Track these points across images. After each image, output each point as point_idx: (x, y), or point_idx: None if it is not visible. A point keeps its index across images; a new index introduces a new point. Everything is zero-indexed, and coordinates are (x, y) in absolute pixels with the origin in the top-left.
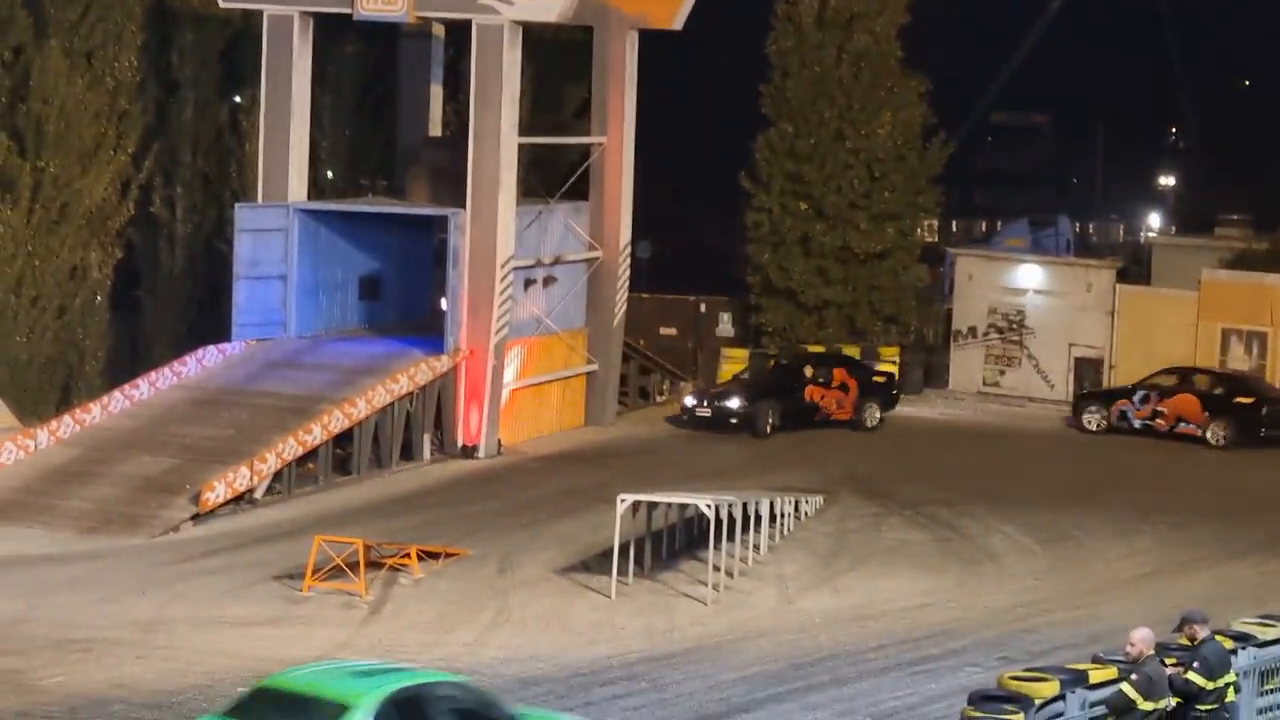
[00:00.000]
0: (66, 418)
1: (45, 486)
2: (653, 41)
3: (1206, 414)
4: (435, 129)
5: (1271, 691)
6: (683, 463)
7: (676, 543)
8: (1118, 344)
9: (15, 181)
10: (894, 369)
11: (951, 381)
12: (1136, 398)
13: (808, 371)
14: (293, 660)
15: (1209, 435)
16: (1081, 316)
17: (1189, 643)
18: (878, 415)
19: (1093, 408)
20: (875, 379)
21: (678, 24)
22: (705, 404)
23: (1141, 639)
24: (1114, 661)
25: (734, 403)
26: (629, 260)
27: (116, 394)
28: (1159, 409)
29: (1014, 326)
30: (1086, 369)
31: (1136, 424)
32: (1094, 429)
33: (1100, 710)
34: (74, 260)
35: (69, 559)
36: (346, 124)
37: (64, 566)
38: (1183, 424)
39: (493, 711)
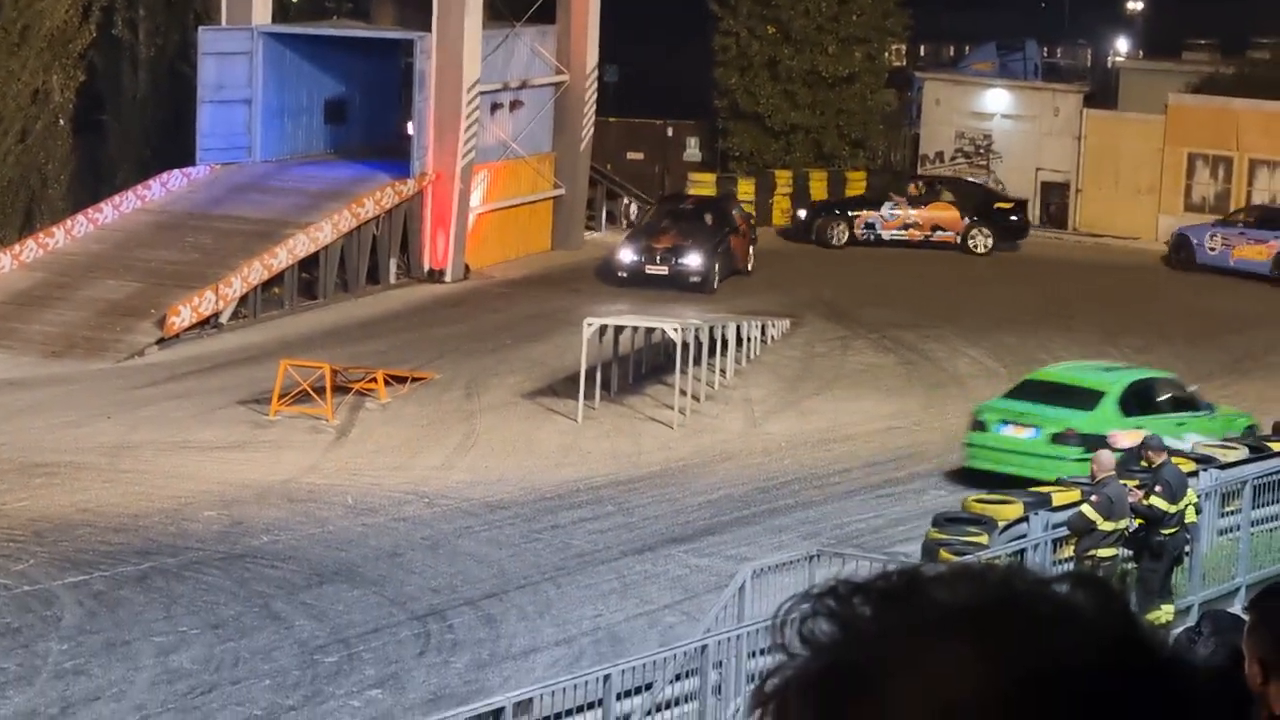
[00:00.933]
0: (30, 242)
1: (8, 311)
2: None
3: (966, 221)
4: None
5: (1232, 513)
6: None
7: (643, 367)
8: (1084, 168)
9: None
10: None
11: None
12: (885, 209)
13: (707, 219)
14: (260, 484)
15: (971, 243)
16: (1048, 141)
17: (1148, 465)
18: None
19: (837, 224)
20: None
21: None
22: (659, 260)
23: (1104, 462)
24: (1076, 484)
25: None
26: (596, 85)
27: (80, 218)
28: (913, 220)
29: (981, 151)
30: (1053, 193)
31: (886, 236)
32: (837, 244)
33: (1062, 531)
34: (35, 84)
35: (33, 383)
36: None
37: (28, 391)
38: (939, 232)
39: (1197, 403)
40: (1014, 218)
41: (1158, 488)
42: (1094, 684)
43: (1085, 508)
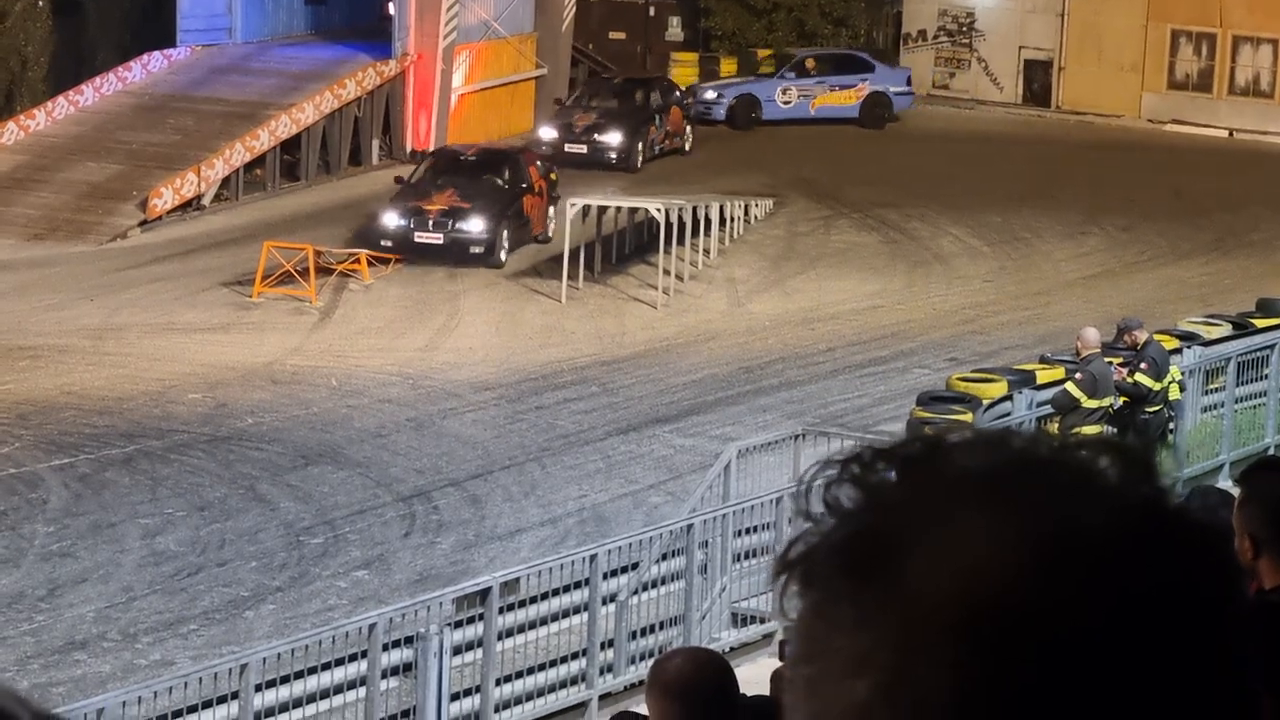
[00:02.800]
0: (11, 124)
1: None
2: None
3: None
4: None
5: (1216, 390)
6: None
7: (626, 247)
8: (1067, 46)
9: None
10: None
11: None
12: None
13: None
14: (244, 366)
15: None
16: (1031, 19)
17: (1130, 345)
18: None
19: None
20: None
21: None
22: (577, 137)
23: (1088, 339)
24: (1061, 361)
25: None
26: None
27: (60, 100)
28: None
29: (964, 29)
30: (1036, 71)
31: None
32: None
33: (1047, 410)
34: None
35: (15, 266)
36: None
37: (10, 273)
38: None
39: None
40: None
41: (1142, 365)
42: (1115, 547)
43: (1070, 385)
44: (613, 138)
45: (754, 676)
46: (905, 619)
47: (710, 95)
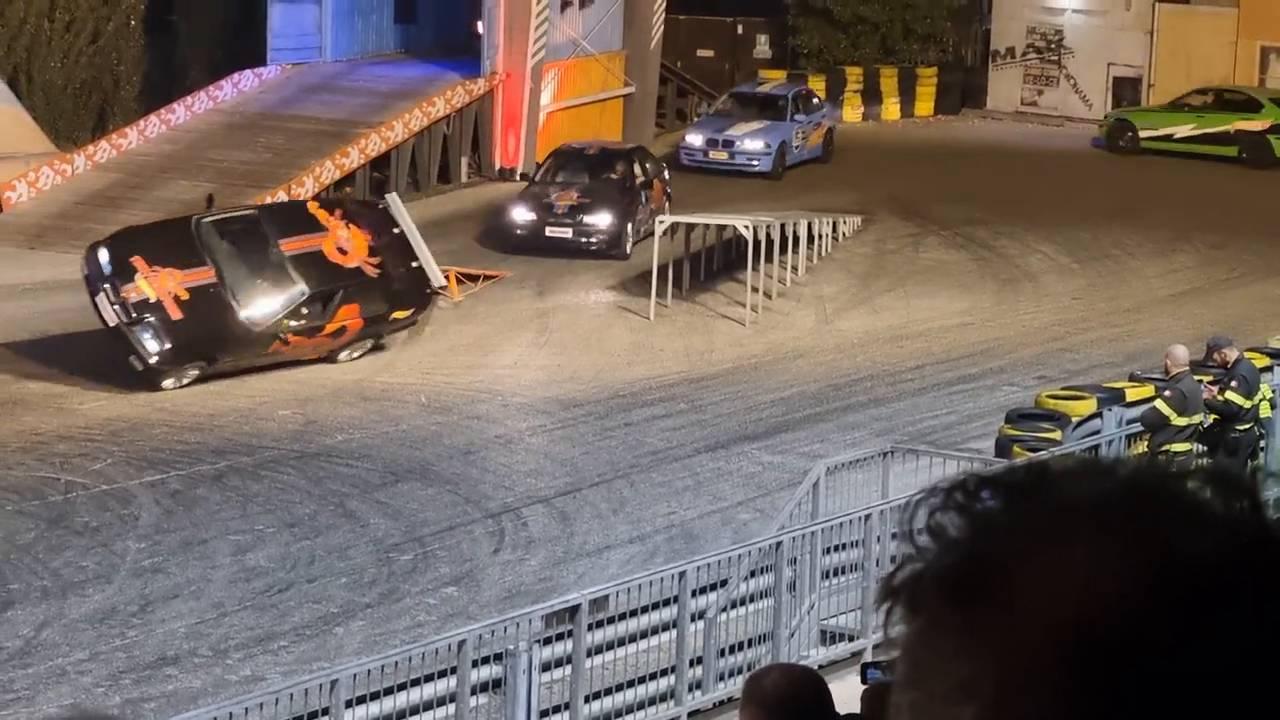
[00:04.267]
0: (103, 143)
1: (83, 211)
2: None
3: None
4: None
5: None
6: (717, 184)
7: (715, 264)
8: (1156, 63)
9: None
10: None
11: (989, 101)
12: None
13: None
14: (335, 382)
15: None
16: (1120, 36)
17: (1220, 364)
18: None
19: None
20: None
21: None
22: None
23: (1177, 357)
24: (1150, 379)
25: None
26: None
27: (153, 118)
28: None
29: (1052, 46)
30: (1125, 88)
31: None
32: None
33: (1136, 427)
34: None
35: None
36: None
37: None
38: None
39: None
40: None
41: (1233, 382)
42: (1224, 579)
43: (1159, 403)
44: (601, 219)
45: (844, 694)
46: (1010, 646)
47: (751, 145)
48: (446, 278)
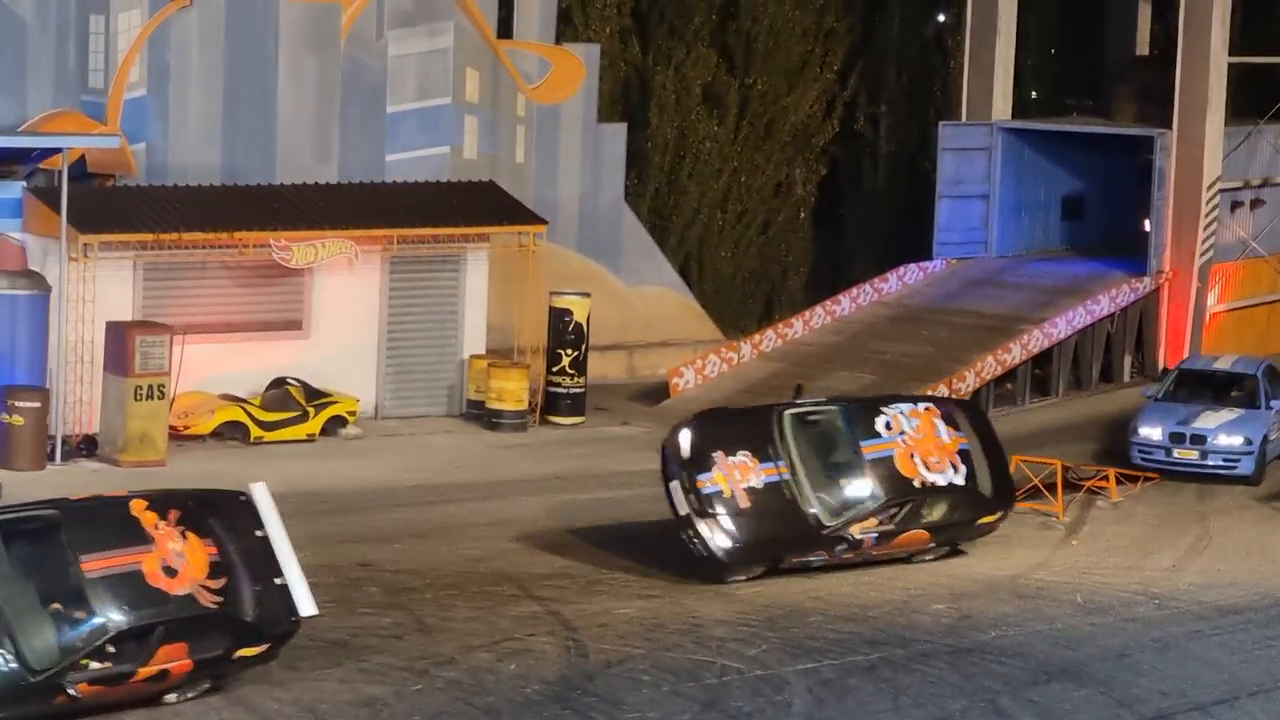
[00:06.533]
0: (769, 332)
1: (746, 399)
2: None
3: None
4: (1143, 48)
5: None
6: None
7: None
8: None
9: (723, 98)
10: None
11: None
12: None
13: None
14: (989, 578)
15: None
16: None
17: None
18: None
19: None
20: None
21: None
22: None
23: None
24: None
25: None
26: None
27: (818, 309)
28: None
29: None
30: None
31: None
32: None
33: None
34: (779, 176)
35: None
36: (1052, 42)
37: None
38: None
39: None
40: None
41: None
42: None
43: None
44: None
45: None
46: None
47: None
48: (1105, 477)
